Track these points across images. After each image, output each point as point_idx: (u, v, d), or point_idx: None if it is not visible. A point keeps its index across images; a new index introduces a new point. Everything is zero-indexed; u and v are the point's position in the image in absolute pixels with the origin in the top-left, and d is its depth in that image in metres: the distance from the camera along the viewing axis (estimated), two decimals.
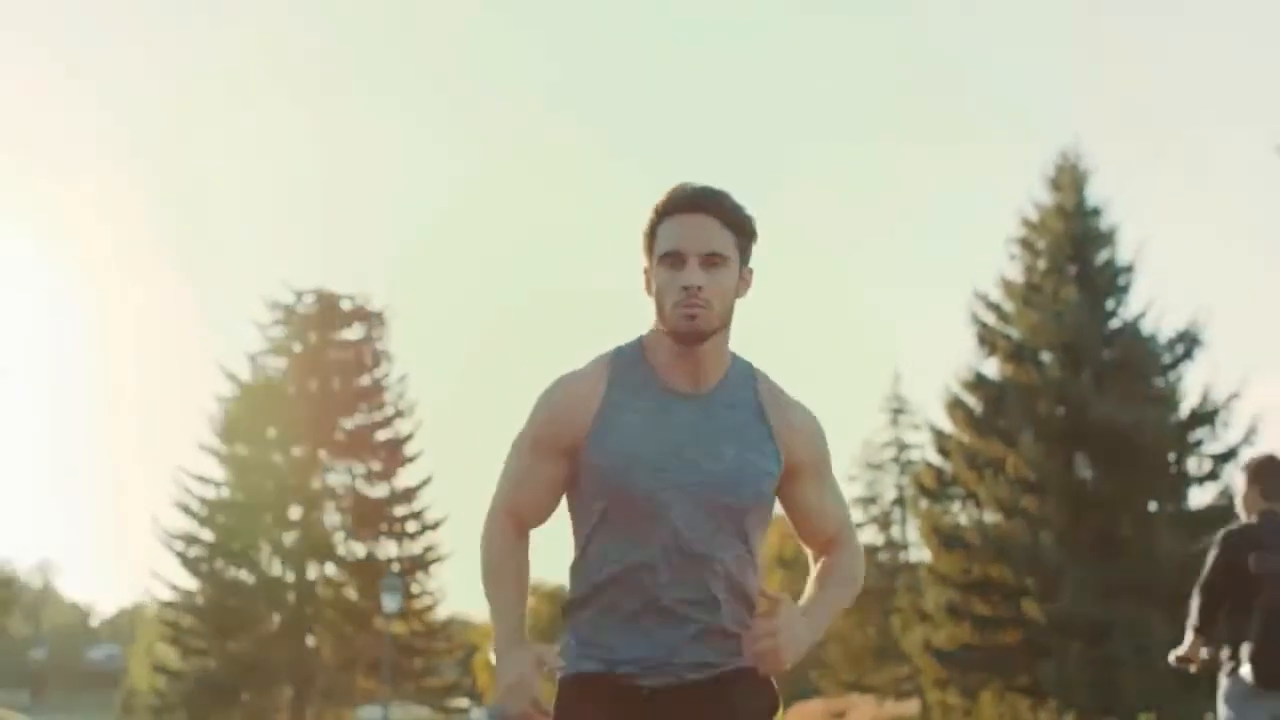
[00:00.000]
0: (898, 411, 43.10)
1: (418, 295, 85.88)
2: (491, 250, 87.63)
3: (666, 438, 3.03)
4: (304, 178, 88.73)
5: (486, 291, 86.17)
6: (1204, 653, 6.23)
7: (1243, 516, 6.39)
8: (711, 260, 3.01)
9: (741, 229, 3.06)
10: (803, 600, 3.14)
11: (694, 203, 3.04)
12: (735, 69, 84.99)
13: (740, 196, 3.12)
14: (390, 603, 30.81)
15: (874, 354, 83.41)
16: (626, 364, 3.11)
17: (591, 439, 3.05)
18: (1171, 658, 6.29)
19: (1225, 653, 6.18)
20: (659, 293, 3.04)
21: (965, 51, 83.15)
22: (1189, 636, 6.23)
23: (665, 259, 3.02)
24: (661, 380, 3.07)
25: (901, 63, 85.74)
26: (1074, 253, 29.54)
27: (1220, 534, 6.35)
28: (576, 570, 3.14)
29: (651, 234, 3.08)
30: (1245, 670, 6.04)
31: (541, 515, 3.18)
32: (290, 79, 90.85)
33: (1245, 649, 6.03)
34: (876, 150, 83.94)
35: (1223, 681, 6.20)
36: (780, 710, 3.15)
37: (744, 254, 3.08)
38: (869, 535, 42.23)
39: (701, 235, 3.01)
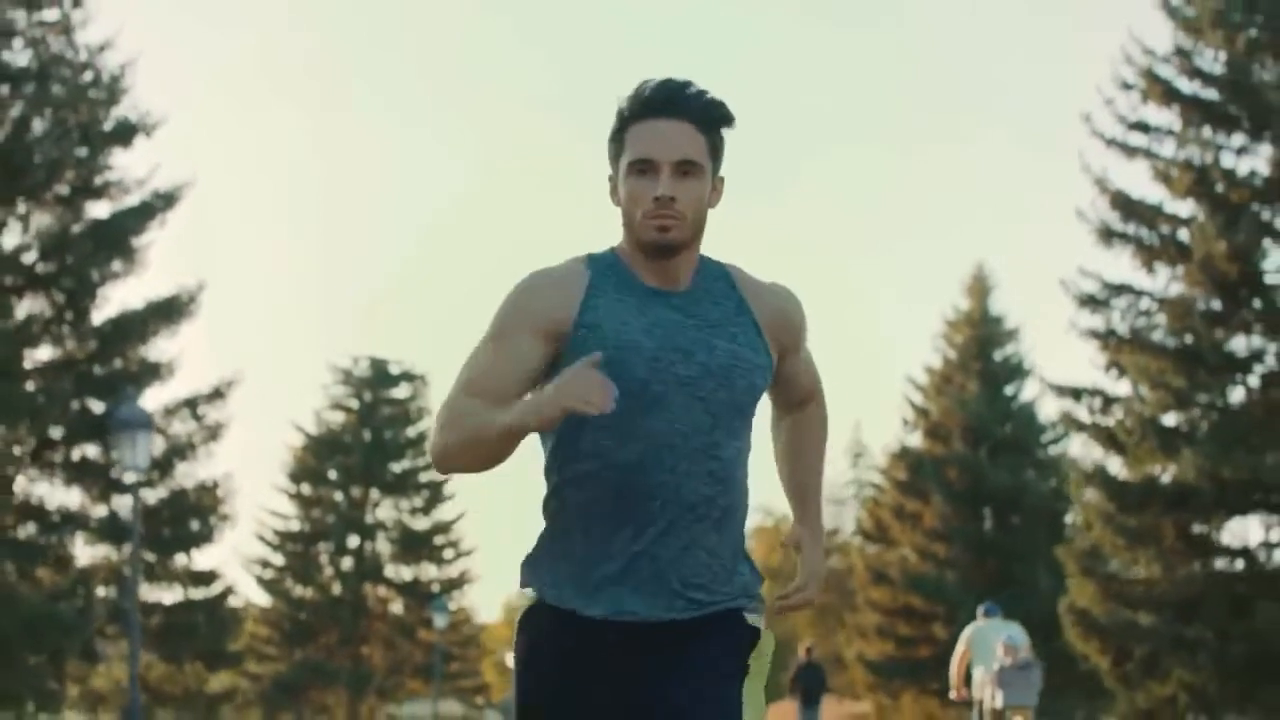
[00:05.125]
0: (858, 455, 54.07)
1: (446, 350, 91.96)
2: (497, 274, 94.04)
3: (658, 329, 2.96)
4: (304, 187, 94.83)
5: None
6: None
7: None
8: (684, 169, 2.94)
9: (715, 129, 3.00)
10: (797, 492, 3.28)
11: (666, 105, 2.97)
12: (738, 76, 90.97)
13: (715, 90, 3.02)
14: (440, 620, 41.53)
15: (860, 373, 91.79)
16: (603, 264, 3.04)
17: (581, 325, 2.96)
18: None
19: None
20: (628, 203, 2.97)
21: (964, 59, 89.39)
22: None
23: (634, 166, 2.95)
24: (640, 279, 3.01)
25: (901, 71, 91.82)
26: (978, 352, 40.36)
27: (794, 670, 21.01)
28: (552, 468, 3.04)
29: (619, 139, 3.01)
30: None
31: (505, 400, 2.92)
32: (288, 86, 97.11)
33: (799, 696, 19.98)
34: (878, 157, 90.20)
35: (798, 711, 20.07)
36: (762, 643, 3.10)
37: (716, 159, 3.02)
38: (832, 562, 53.12)
39: (674, 142, 2.94)
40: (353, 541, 46.24)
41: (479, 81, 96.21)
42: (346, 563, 46.28)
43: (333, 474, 46.59)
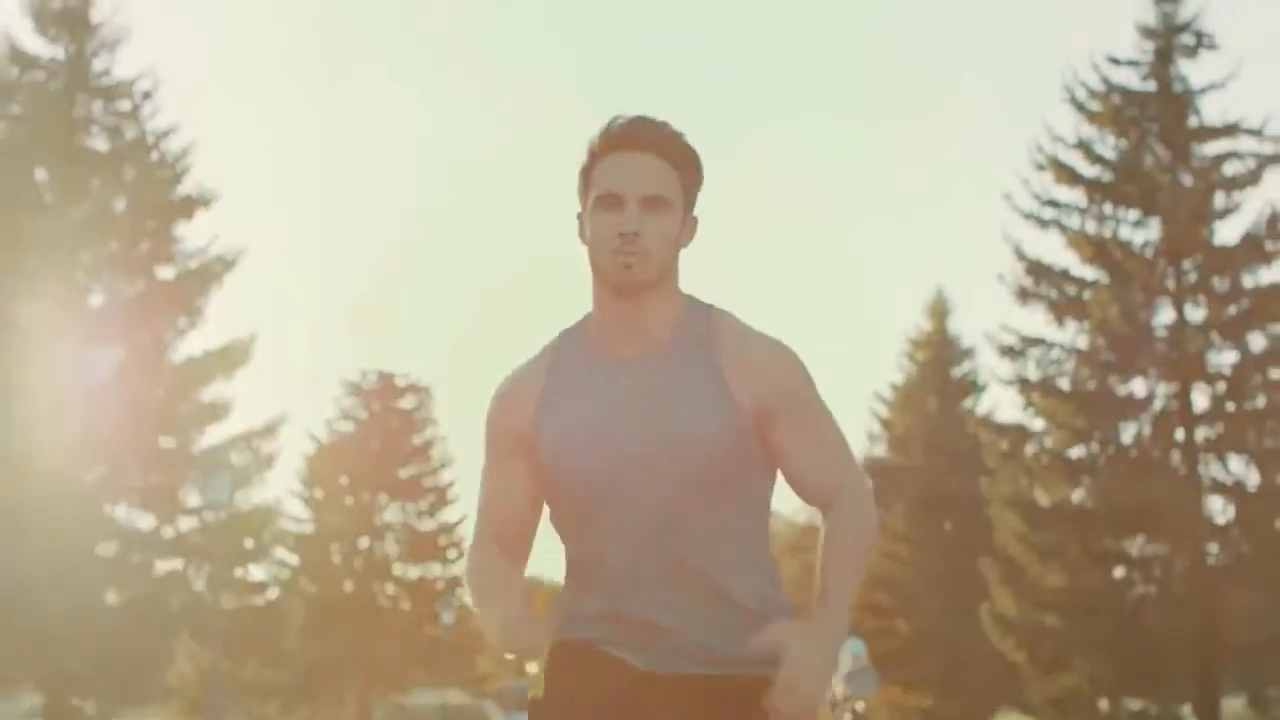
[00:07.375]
0: None
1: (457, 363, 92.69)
2: (497, 268, 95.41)
3: (606, 412, 2.97)
4: (308, 171, 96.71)
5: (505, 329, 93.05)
6: None
7: None
8: (652, 203, 2.93)
9: (687, 166, 2.99)
10: (815, 596, 2.98)
11: (633, 138, 2.96)
12: (722, 39, 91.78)
13: (690, 139, 3.01)
14: (447, 616, 46.58)
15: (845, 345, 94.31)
16: (569, 343, 3.07)
17: (538, 430, 3.02)
18: None
19: None
20: (593, 239, 2.96)
21: (945, 22, 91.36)
22: None
23: (601, 201, 2.95)
24: (605, 350, 3.02)
25: (883, 34, 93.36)
26: (938, 370, 45.74)
27: None
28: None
29: (586, 174, 3.00)
30: None
31: (522, 531, 3.10)
32: (295, 65, 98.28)
33: None
34: (860, 124, 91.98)
35: None
36: None
37: (689, 197, 3.00)
38: (808, 559, 58.44)
39: (642, 175, 2.93)
40: (363, 543, 50.32)
41: (484, 72, 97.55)
42: (357, 563, 50.34)
43: (344, 480, 50.64)
